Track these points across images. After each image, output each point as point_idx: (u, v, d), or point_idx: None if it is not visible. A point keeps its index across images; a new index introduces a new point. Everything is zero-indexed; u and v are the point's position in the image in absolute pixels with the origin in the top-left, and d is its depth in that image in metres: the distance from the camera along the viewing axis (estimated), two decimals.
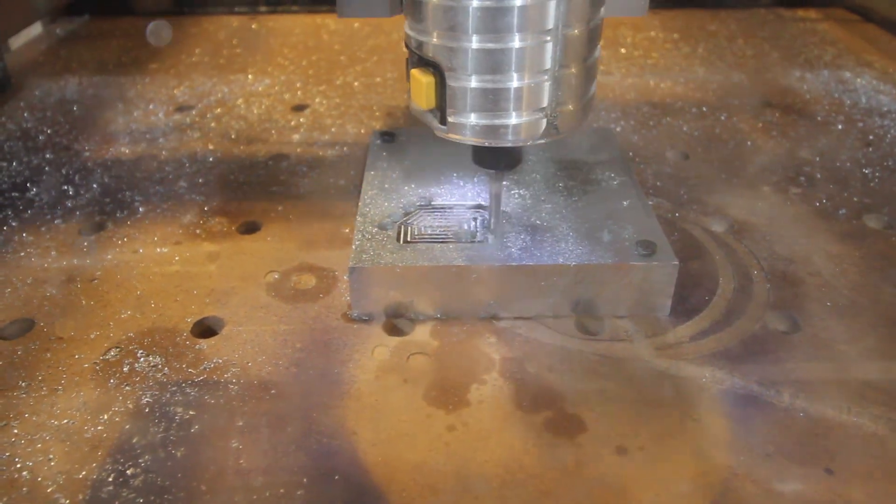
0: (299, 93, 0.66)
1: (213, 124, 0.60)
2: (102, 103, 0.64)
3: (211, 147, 0.57)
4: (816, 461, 0.31)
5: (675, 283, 0.38)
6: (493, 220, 0.40)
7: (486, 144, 0.34)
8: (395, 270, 0.38)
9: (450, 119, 0.34)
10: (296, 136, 0.58)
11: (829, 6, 0.87)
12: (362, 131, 0.59)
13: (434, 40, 0.32)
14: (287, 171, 0.53)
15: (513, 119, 0.33)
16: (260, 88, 0.67)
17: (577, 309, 0.39)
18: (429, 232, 0.40)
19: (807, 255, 0.44)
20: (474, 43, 0.31)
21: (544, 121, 0.34)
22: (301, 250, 0.45)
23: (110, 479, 0.30)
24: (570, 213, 0.42)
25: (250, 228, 0.47)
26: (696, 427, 0.33)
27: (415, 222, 0.41)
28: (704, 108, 0.63)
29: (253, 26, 0.83)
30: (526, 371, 0.36)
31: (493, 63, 0.32)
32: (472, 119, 0.33)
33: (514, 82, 0.32)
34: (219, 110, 0.63)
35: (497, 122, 0.33)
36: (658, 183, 0.52)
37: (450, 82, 0.33)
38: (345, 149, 0.56)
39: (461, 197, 0.43)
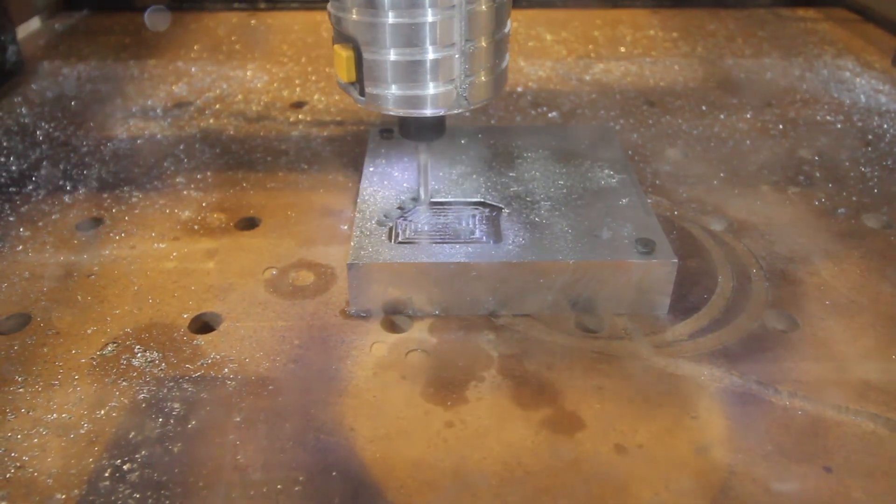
0: (298, 90, 0.66)
1: (211, 120, 0.60)
2: (101, 98, 0.64)
3: (209, 143, 0.56)
4: (815, 459, 0.31)
5: (673, 281, 0.38)
6: (422, 190, 0.42)
7: (402, 114, 0.37)
8: (394, 267, 0.38)
9: (368, 90, 0.36)
10: (294, 133, 0.58)
11: (829, 6, 0.87)
12: (361, 128, 0.59)
13: (353, 17, 0.34)
14: (286, 167, 0.53)
15: (427, 90, 0.35)
16: (259, 85, 0.67)
17: (575, 306, 0.39)
18: (427, 229, 0.40)
19: (806, 255, 0.44)
20: (390, 18, 0.34)
21: (455, 91, 0.36)
22: (299, 247, 0.44)
23: (107, 475, 0.30)
24: (569, 211, 0.41)
25: (249, 224, 0.47)
26: (695, 425, 0.33)
27: (413, 219, 0.41)
28: (704, 107, 0.63)
29: (252, 22, 0.83)
30: (525, 368, 0.36)
31: (407, 37, 0.34)
32: (386, 90, 0.35)
33: (429, 55, 0.34)
34: (217, 106, 0.62)
35: (411, 92, 0.35)
36: (657, 181, 0.52)
37: (366, 56, 0.35)
38: (343, 145, 0.56)
39: (459, 194, 0.43)
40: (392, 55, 0.34)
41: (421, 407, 0.34)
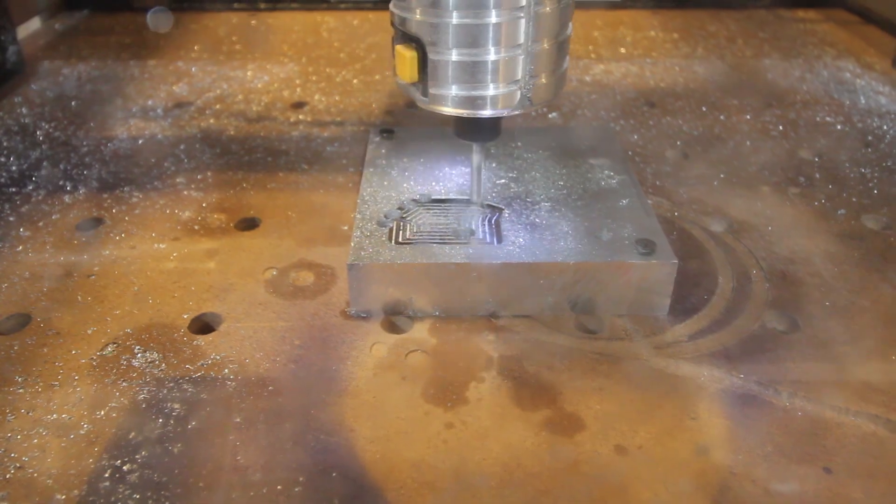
0: (298, 90, 0.66)
1: (212, 120, 0.60)
2: (101, 98, 0.64)
3: (209, 143, 0.56)
4: (815, 460, 0.31)
5: (673, 281, 0.38)
6: (475, 191, 0.41)
7: (466, 115, 0.36)
8: (394, 268, 0.38)
9: (431, 91, 0.35)
10: (295, 133, 0.58)
11: (829, 7, 0.87)
12: (361, 129, 0.59)
13: (417, 17, 0.34)
14: (286, 167, 0.53)
15: (490, 90, 0.35)
16: (259, 85, 0.67)
17: (575, 307, 0.39)
18: (427, 229, 0.40)
19: (806, 256, 0.44)
20: (454, 19, 0.33)
21: (519, 92, 0.35)
22: (300, 247, 0.44)
23: (107, 475, 0.30)
24: (570, 212, 0.41)
25: (249, 225, 0.47)
26: (695, 426, 0.33)
27: (413, 219, 0.41)
28: (704, 108, 0.63)
29: (252, 22, 0.83)
30: (525, 369, 0.36)
31: (472, 37, 0.34)
32: (453, 91, 0.35)
33: (491, 56, 0.34)
34: (218, 106, 0.62)
35: (475, 93, 0.35)
36: (657, 182, 0.52)
37: (431, 56, 0.34)
38: (344, 146, 0.56)
39: (459, 194, 0.43)
40: (457, 55, 0.34)
41: (421, 408, 0.34)
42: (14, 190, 0.50)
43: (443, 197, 0.43)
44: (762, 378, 0.35)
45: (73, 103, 0.63)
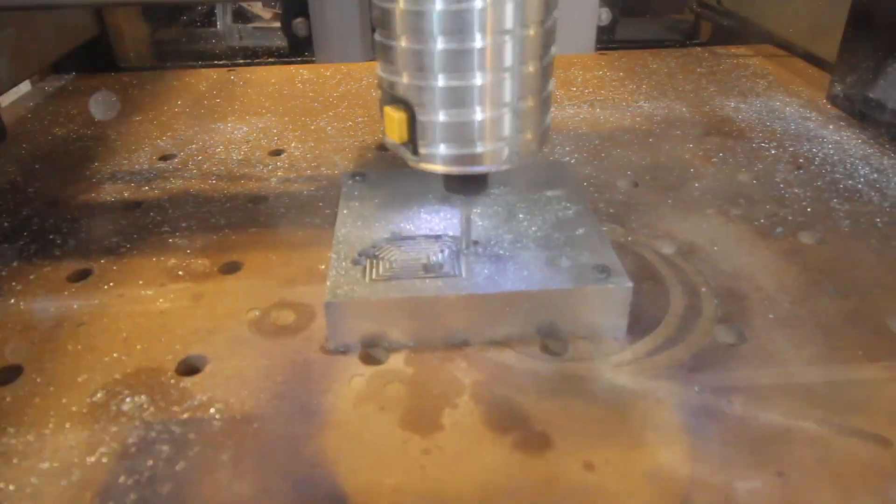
0: (276, 139, 0.66)
1: (194, 170, 0.59)
2: (89, 154, 0.63)
3: (193, 192, 0.56)
4: (769, 466, 0.31)
5: (629, 303, 0.38)
6: (464, 242, 0.40)
7: (456, 172, 0.35)
8: (369, 303, 0.37)
9: (421, 150, 0.34)
10: (273, 180, 0.58)
11: (758, 43, 0.89)
12: (336, 172, 0.59)
13: (404, 80, 0.33)
14: (266, 212, 0.53)
15: (479, 148, 0.34)
16: (239, 136, 0.66)
17: (540, 331, 0.39)
18: (399, 265, 0.40)
19: (750, 272, 0.44)
20: (440, 81, 0.32)
21: (506, 148, 0.35)
22: (280, 287, 0.44)
23: None
24: (531, 242, 0.41)
25: (231, 269, 0.46)
26: (657, 438, 0.33)
27: (386, 256, 0.41)
28: (650, 140, 0.64)
29: (231, 77, 0.83)
30: (495, 393, 0.35)
31: (459, 98, 0.33)
32: (443, 149, 0.34)
33: (478, 115, 0.33)
34: (200, 157, 0.62)
35: (465, 151, 0.34)
36: (611, 210, 0.52)
37: (420, 117, 0.34)
38: (320, 189, 0.56)
39: (429, 230, 0.43)
40: (444, 116, 0.33)
41: (399, 436, 0.33)
42: (6, 245, 0.49)
43: (413, 234, 0.43)
44: (716, 389, 0.35)
45: (61, 159, 0.62)
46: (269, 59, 0.89)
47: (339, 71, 0.84)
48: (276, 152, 0.63)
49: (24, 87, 0.81)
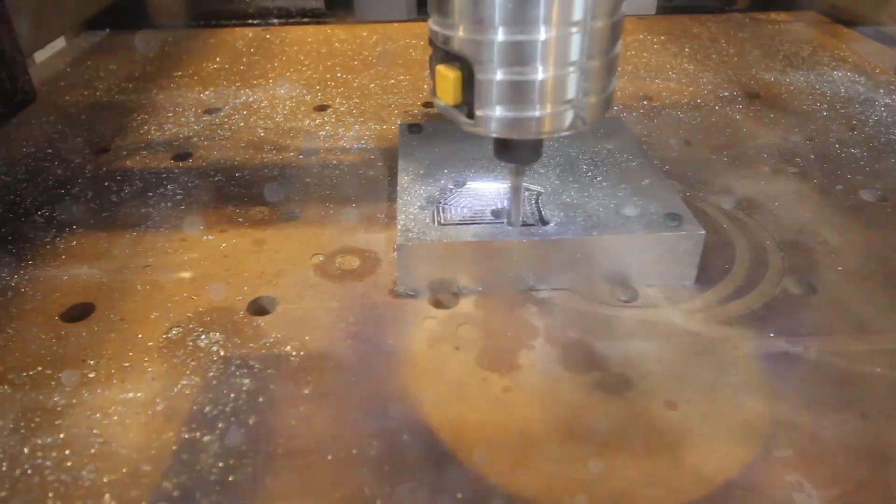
0: (319, 95, 0.65)
1: (241, 124, 0.59)
2: (132, 107, 0.63)
3: (243, 144, 0.56)
4: (851, 408, 0.31)
5: (701, 251, 0.38)
6: (513, 213, 0.38)
7: (515, 137, 0.32)
8: (440, 247, 0.37)
9: (477, 113, 0.31)
10: (322, 133, 0.57)
11: (799, 10, 0.88)
12: (384, 127, 0.58)
13: (460, 34, 0.30)
14: (318, 164, 0.53)
15: (540, 111, 0.31)
16: (282, 92, 0.66)
17: (609, 280, 0.39)
18: (468, 211, 0.40)
19: (813, 227, 0.44)
20: (501, 35, 0.29)
21: (571, 112, 0.32)
22: (341, 234, 0.44)
23: (189, 447, 0.29)
24: (597, 192, 0.41)
25: (290, 216, 0.46)
26: (736, 381, 0.33)
27: (453, 203, 0.41)
28: (698, 100, 0.63)
29: (267, 36, 0.82)
30: (569, 336, 0.35)
31: (521, 55, 0.30)
32: (499, 112, 0.31)
33: (541, 74, 0.30)
34: (245, 112, 0.62)
35: (525, 114, 0.31)
36: (666, 166, 0.52)
37: (478, 76, 0.30)
38: (371, 143, 0.56)
39: (493, 178, 0.43)
40: (503, 74, 0.30)
41: (478, 374, 0.33)
42: (62, 191, 0.49)
43: (477, 182, 0.43)
44: (790, 336, 0.35)
45: (106, 113, 0.62)
46: (304, 20, 0.88)
47: (375, 31, 0.84)
48: (322, 107, 0.62)
49: (60, 42, 0.80)
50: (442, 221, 0.39)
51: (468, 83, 0.31)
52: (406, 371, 0.33)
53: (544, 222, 0.38)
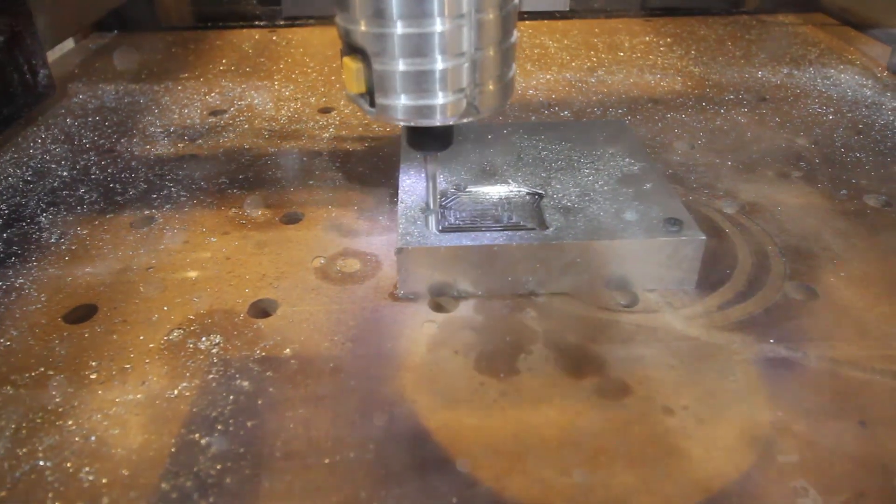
0: (324, 97, 0.66)
1: (246, 126, 0.60)
2: (139, 109, 0.63)
3: (247, 146, 0.56)
4: (850, 415, 0.31)
5: (701, 256, 0.38)
6: (430, 200, 0.39)
7: (413, 124, 0.34)
8: (440, 251, 0.37)
9: (378, 101, 0.33)
10: (326, 136, 0.58)
11: (807, 12, 0.88)
12: (388, 130, 0.58)
13: (361, 28, 0.32)
14: (321, 166, 0.53)
15: (437, 99, 0.32)
16: (287, 93, 0.66)
17: (609, 284, 0.39)
18: (468, 215, 0.40)
19: (816, 232, 0.44)
20: (398, 28, 0.31)
21: (465, 100, 0.33)
22: (343, 237, 0.44)
23: (187, 448, 0.30)
24: (598, 196, 0.41)
25: (292, 219, 0.46)
26: (734, 387, 0.33)
27: (454, 206, 0.41)
28: (704, 104, 0.63)
29: (273, 38, 0.83)
30: (568, 341, 0.35)
31: (416, 46, 0.31)
32: (401, 100, 0.33)
33: (438, 64, 0.32)
34: (250, 114, 0.62)
35: (422, 102, 0.33)
36: (669, 170, 0.51)
37: (376, 66, 0.32)
38: (374, 146, 0.56)
39: (493, 182, 0.43)
40: (402, 65, 0.31)
41: (476, 378, 0.33)
42: (67, 193, 0.49)
43: (478, 186, 0.43)
44: (791, 343, 0.35)
45: (113, 113, 0.62)
46: (310, 21, 0.88)
47: None
48: (326, 110, 0.63)
49: (68, 44, 0.81)
50: (442, 225, 0.39)
51: (369, 74, 0.33)
52: (404, 375, 0.34)
53: (545, 226, 0.39)
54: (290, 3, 0.38)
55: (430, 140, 0.36)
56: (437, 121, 0.33)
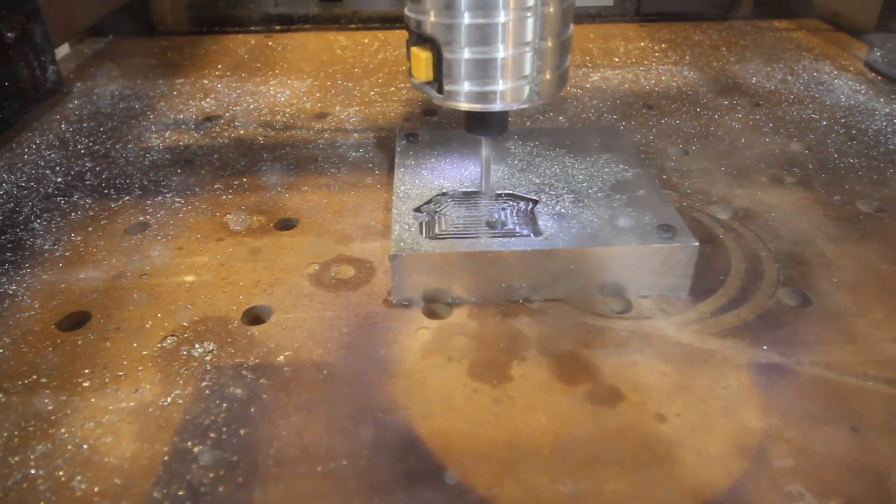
0: (319, 103, 0.66)
1: (241, 131, 0.60)
2: (135, 114, 0.63)
3: (242, 152, 0.56)
4: (842, 421, 0.31)
5: (694, 263, 0.38)
6: (483, 183, 0.42)
7: (479, 109, 0.36)
8: (434, 257, 0.37)
9: (446, 88, 0.36)
10: (321, 141, 0.58)
11: (801, 17, 0.88)
12: (383, 135, 0.59)
13: (431, 19, 0.34)
14: (316, 172, 0.53)
15: (500, 86, 0.35)
16: (282, 99, 0.66)
17: (603, 290, 0.39)
18: (462, 221, 0.40)
19: (809, 238, 0.44)
20: (466, 19, 0.34)
21: (527, 87, 0.36)
22: (338, 244, 0.44)
23: (180, 457, 0.30)
24: (592, 203, 0.41)
25: (287, 225, 0.46)
26: (727, 393, 0.33)
27: (448, 212, 0.41)
28: (698, 109, 0.63)
29: (269, 43, 0.83)
30: (562, 348, 0.36)
31: (483, 36, 0.34)
32: (466, 87, 0.35)
33: (501, 53, 0.34)
34: (245, 119, 0.62)
35: (487, 88, 0.35)
36: (663, 176, 0.52)
37: (446, 55, 0.35)
38: (368, 151, 0.56)
39: (489, 189, 0.43)
40: (469, 54, 0.34)
41: (469, 385, 0.33)
42: (62, 200, 0.49)
43: (472, 192, 0.43)
44: (784, 349, 0.35)
45: (108, 118, 0.62)
46: (306, 26, 0.89)
47: (376, 38, 0.84)
48: (321, 115, 0.63)
49: (63, 49, 0.81)
50: (436, 231, 0.39)
51: (438, 62, 0.35)
52: (398, 382, 0.34)
53: (538, 233, 0.39)
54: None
55: (489, 125, 0.38)
56: (501, 106, 0.36)
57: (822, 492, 0.28)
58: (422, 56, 0.35)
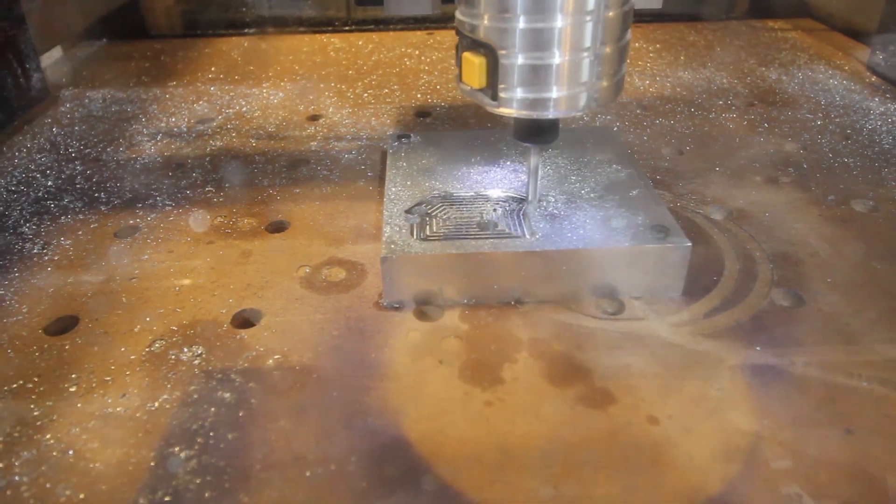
0: (312, 105, 0.65)
1: (234, 134, 0.59)
2: (127, 117, 0.63)
3: (234, 154, 0.56)
4: (836, 423, 0.31)
5: (687, 264, 0.38)
6: (531, 191, 0.41)
7: (535, 116, 0.35)
8: (425, 259, 0.37)
9: (501, 94, 0.34)
10: (313, 144, 0.58)
11: (796, 17, 0.88)
12: (376, 137, 0.58)
13: (486, 22, 0.33)
14: (308, 175, 0.53)
15: (556, 93, 0.34)
16: (275, 101, 0.66)
17: (596, 291, 0.39)
18: (453, 223, 0.40)
19: (803, 238, 0.44)
20: (522, 23, 0.32)
21: (585, 94, 0.35)
22: (329, 246, 0.44)
23: (166, 463, 0.29)
24: (585, 203, 0.41)
25: (278, 228, 0.46)
26: (720, 395, 0.32)
27: (439, 214, 0.41)
28: (693, 109, 0.63)
29: (263, 46, 0.83)
30: (553, 350, 0.35)
31: (540, 41, 0.33)
32: (520, 94, 0.34)
33: (557, 58, 0.33)
34: (238, 121, 0.62)
35: (544, 95, 0.34)
36: (657, 176, 0.51)
37: (502, 61, 0.33)
38: (360, 154, 0.56)
39: (479, 189, 0.43)
40: (527, 59, 0.33)
41: (460, 388, 0.33)
42: (52, 203, 0.49)
43: (464, 193, 0.43)
44: (777, 350, 0.35)
45: (99, 122, 0.62)
46: (300, 28, 0.88)
47: (370, 40, 0.84)
48: (314, 117, 0.63)
49: (56, 52, 0.80)
50: (428, 233, 0.39)
51: (493, 68, 0.34)
52: (388, 385, 0.33)
53: (531, 234, 0.38)
54: (392, 4, 0.41)
55: (541, 133, 0.37)
56: (557, 113, 0.35)
57: (816, 494, 0.28)
58: (475, 62, 0.34)
